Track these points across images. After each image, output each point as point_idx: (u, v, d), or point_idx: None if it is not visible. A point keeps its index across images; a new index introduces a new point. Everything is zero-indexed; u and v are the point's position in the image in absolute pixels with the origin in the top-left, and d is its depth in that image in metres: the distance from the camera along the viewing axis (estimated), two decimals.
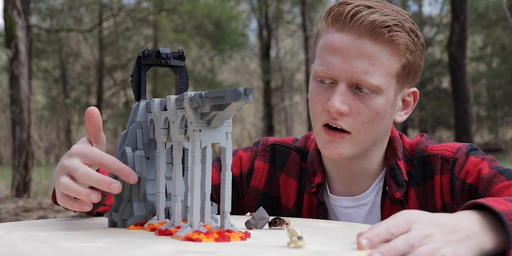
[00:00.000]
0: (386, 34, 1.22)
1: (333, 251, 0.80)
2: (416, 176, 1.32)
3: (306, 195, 1.39)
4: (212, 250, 0.81)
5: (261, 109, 22.79)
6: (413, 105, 1.36)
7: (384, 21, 1.22)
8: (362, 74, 1.22)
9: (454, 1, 9.74)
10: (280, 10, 22.38)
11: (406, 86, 1.31)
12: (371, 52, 1.22)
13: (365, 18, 1.22)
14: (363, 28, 1.22)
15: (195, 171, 0.91)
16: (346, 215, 1.36)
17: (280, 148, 1.46)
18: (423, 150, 1.33)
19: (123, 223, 1.06)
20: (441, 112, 18.45)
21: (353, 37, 1.23)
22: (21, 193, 7.54)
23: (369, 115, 1.25)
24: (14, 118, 7.78)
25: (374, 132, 1.27)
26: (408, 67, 1.27)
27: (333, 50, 1.25)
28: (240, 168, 1.47)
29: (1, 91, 18.74)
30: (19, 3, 7.83)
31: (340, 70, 1.23)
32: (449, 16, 14.27)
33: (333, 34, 1.26)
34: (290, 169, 1.43)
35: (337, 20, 1.25)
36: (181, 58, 1.13)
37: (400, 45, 1.24)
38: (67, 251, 0.80)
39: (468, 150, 1.30)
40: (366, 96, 1.24)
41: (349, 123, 1.25)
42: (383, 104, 1.25)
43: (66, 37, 19.40)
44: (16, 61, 7.73)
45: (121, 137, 1.09)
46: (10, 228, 1.06)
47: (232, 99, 0.82)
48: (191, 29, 18.83)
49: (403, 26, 1.24)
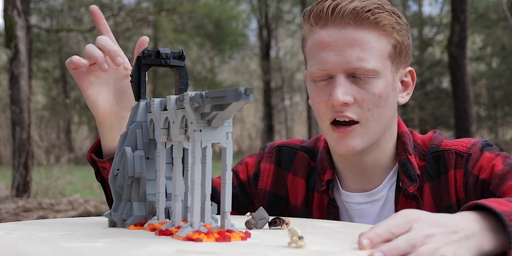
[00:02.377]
0: (371, 17, 1.24)
1: (334, 251, 0.80)
2: (431, 171, 1.32)
3: (316, 193, 1.39)
4: (212, 250, 0.81)
5: (261, 109, 22.80)
6: (412, 84, 1.37)
7: (365, 6, 1.25)
8: (357, 62, 1.24)
9: (454, 1, 9.74)
10: (280, 10, 22.38)
11: (401, 66, 1.32)
12: (360, 38, 1.24)
13: (346, 7, 1.24)
14: (347, 17, 1.24)
15: (195, 171, 0.91)
16: (358, 211, 1.35)
17: (286, 149, 1.47)
18: (437, 145, 1.33)
19: (123, 223, 1.06)
20: (441, 112, 18.44)
21: (339, 28, 1.25)
22: (21, 193, 7.54)
23: (373, 100, 1.25)
24: (14, 118, 7.79)
25: (381, 117, 1.28)
26: (398, 46, 1.29)
27: (323, 46, 1.26)
28: (247, 173, 1.48)
29: (1, 91, 18.73)
30: (19, 3, 7.83)
31: (335, 63, 1.25)
32: (449, 16, 14.28)
33: (319, 32, 1.28)
34: (297, 169, 1.44)
35: (319, 17, 1.27)
36: (181, 58, 1.13)
37: (386, 26, 1.26)
38: (68, 252, 0.80)
39: (482, 146, 1.30)
40: (366, 82, 1.25)
41: (356, 112, 1.26)
42: (384, 87, 1.27)
43: (66, 37, 19.41)
44: (16, 61, 7.73)
45: (121, 137, 1.09)
46: (9, 228, 1.06)
47: (233, 99, 0.82)
48: (191, 29, 18.84)
49: (384, 7, 1.27)
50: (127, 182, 1.06)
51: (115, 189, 1.07)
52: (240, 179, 1.47)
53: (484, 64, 20.89)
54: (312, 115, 17.34)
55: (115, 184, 1.07)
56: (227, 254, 0.78)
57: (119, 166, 1.06)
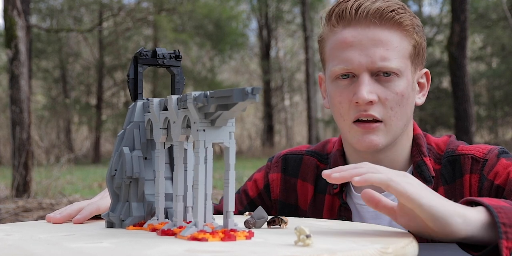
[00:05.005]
0: (396, 17, 1.26)
1: (343, 249, 0.80)
2: (446, 175, 1.32)
3: (327, 196, 1.39)
4: (222, 249, 0.81)
5: (261, 109, 22.80)
6: (427, 86, 1.39)
7: (389, 6, 1.27)
8: (381, 61, 1.25)
9: (454, 1, 9.74)
10: (280, 10, 22.39)
11: (418, 67, 1.34)
12: (384, 38, 1.26)
13: (370, 7, 1.26)
14: (372, 16, 1.26)
15: (199, 171, 0.91)
16: (373, 213, 1.35)
17: (291, 157, 1.48)
18: (453, 150, 1.33)
19: (121, 224, 1.06)
20: (441, 112, 18.44)
21: (362, 28, 1.27)
22: (21, 193, 7.54)
23: (395, 99, 1.27)
24: (14, 118, 7.78)
25: (403, 116, 1.29)
26: (417, 47, 1.31)
27: (347, 46, 1.27)
28: (256, 189, 1.49)
29: (1, 91, 18.73)
30: (19, 3, 7.83)
31: (359, 62, 1.26)
32: (449, 16, 14.28)
33: (341, 31, 1.29)
34: (305, 174, 1.44)
35: (342, 17, 1.29)
36: (177, 58, 1.13)
37: (408, 26, 1.28)
38: (78, 252, 0.79)
39: (499, 152, 1.30)
40: (389, 81, 1.27)
41: (380, 111, 1.27)
42: (406, 86, 1.28)
43: (66, 37, 19.41)
44: (16, 61, 7.73)
45: (118, 137, 1.08)
46: (7, 230, 1.06)
47: (239, 98, 0.81)
48: (191, 29, 18.83)
49: (405, 8, 1.29)
50: (125, 183, 1.06)
51: (113, 189, 1.07)
52: (250, 198, 1.48)
53: (484, 64, 20.88)
54: (312, 115, 17.33)
55: (113, 184, 1.06)
56: (239, 253, 0.78)
57: (117, 166, 1.06)
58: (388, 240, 0.88)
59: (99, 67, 19.15)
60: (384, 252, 0.81)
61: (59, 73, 20.20)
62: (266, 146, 21.18)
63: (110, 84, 20.27)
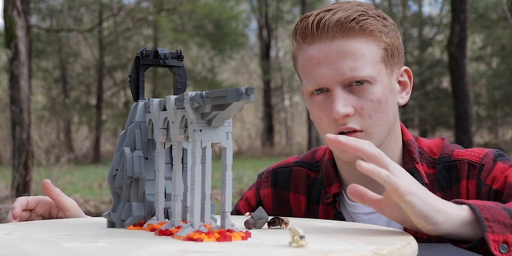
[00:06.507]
0: (356, 26, 1.24)
1: (336, 250, 0.80)
2: (442, 181, 1.31)
3: (321, 206, 1.38)
4: (214, 249, 0.81)
5: (261, 109, 22.81)
6: (410, 83, 1.37)
7: (349, 15, 1.24)
8: (350, 72, 1.23)
9: (454, 1, 9.74)
10: (280, 10, 22.40)
11: (396, 67, 1.32)
12: (349, 48, 1.24)
13: (330, 20, 1.24)
14: (332, 30, 1.24)
15: (196, 171, 0.91)
16: (367, 221, 1.33)
17: (280, 170, 1.47)
18: (449, 155, 1.32)
19: (122, 224, 1.06)
20: (441, 112, 18.44)
21: (327, 42, 1.25)
22: (21, 193, 7.54)
23: (372, 106, 1.25)
24: (14, 118, 7.79)
25: (384, 121, 1.28)
26: (389, 49, 1.28)
27: (315, 62, 1.26)
28: (249, 206, 1.49)
29: (1, 91, 18.74)
30: (19, 3, 7.83)
31: (329, 77, 1.24)
32: (449, 16, 14.27)
33: (308, 48, 1.28)
34: (296, 185, 1.44)
35: (305, 34, 1.27)
36: (179, 58, 1.13)
37: (373, 31, 1.25)
38: (71, 252, 0.79)
39: (495, 156, 1.29)
40: (363, 90, 1.25)
41: (358, 122, 1.25)
42: (382, 92, 1.26)
43: (66, 37, 19.42)
44: (16, 61, 7.73)
45: (120, 137, 1.08)
46: (8, 229, 1.06)
47: (234, 99, 0.81)
48: (191, 29, 18.85)
49: (367, 13, 1.26)
50: (126, 182, 1.06)
51: (114, 189, 1.07)
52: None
53: (484, 64, 20.89)
54: None
55: (114, 184, 1.07)
56: (230, 254, 0.78)
57: (118, 166, 1.06)
58: (385, 241, 0.88)
59: (99, 67, 19.16)
60: (379, 253, 0.80)
61: (59, 73, 20.22)
62: (266, 146, 21.20)
63: (110, 84, 20.28)
